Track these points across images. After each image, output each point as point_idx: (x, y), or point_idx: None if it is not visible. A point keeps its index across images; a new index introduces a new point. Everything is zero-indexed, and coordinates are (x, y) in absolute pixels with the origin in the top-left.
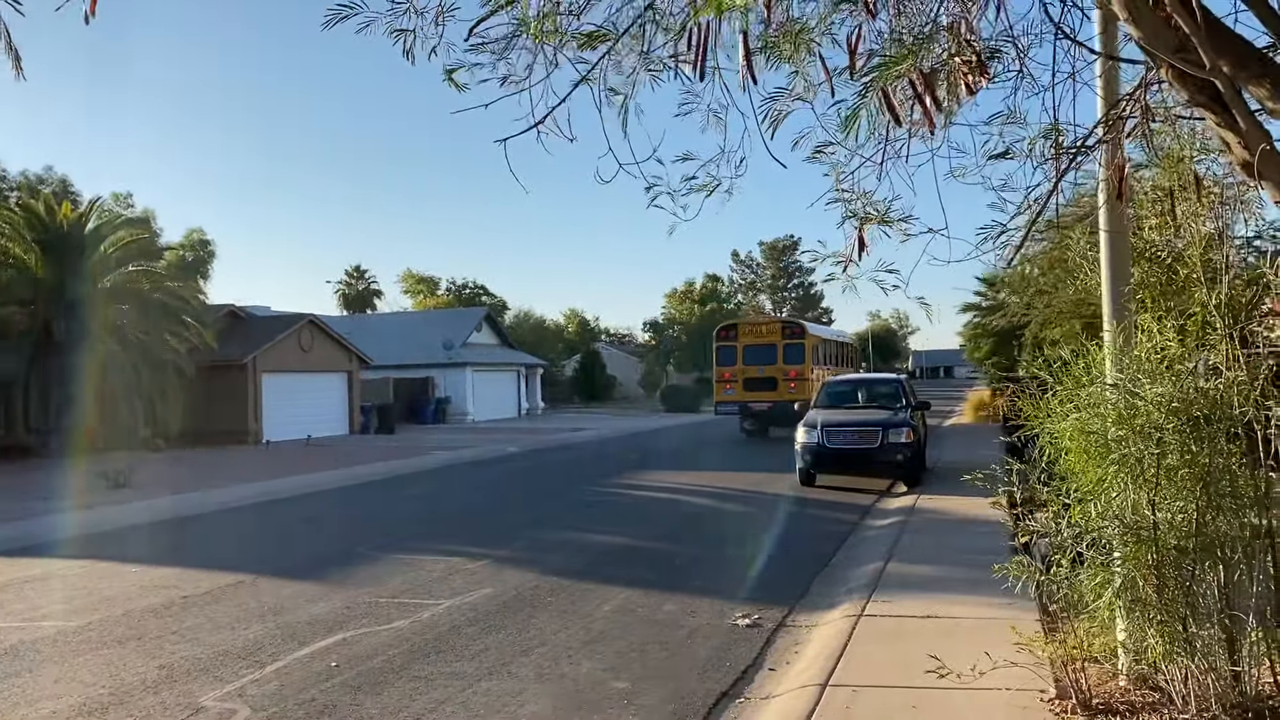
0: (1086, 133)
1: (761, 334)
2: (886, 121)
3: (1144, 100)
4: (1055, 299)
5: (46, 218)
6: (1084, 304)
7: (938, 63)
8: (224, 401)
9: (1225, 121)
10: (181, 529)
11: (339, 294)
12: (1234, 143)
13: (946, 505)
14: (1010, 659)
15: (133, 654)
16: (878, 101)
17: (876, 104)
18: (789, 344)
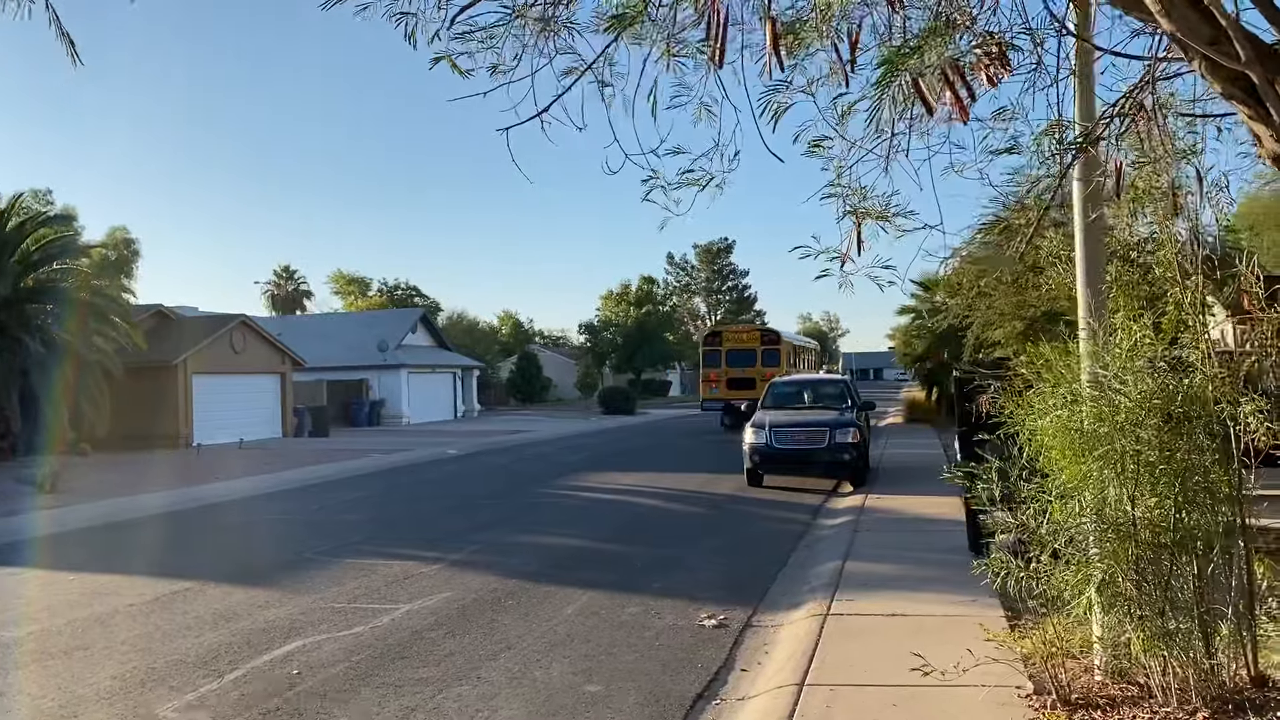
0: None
1: (743, 340)
2: (895, 114)
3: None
4: (996, 301)
5: None
6: (1025, 306)
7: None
8: (153, 404)
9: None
10: (117, 535)
11: (267, 295)
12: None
13: (894, 504)
14: (987, 656)
15: (81, 664)
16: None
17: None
18: (766, 349)
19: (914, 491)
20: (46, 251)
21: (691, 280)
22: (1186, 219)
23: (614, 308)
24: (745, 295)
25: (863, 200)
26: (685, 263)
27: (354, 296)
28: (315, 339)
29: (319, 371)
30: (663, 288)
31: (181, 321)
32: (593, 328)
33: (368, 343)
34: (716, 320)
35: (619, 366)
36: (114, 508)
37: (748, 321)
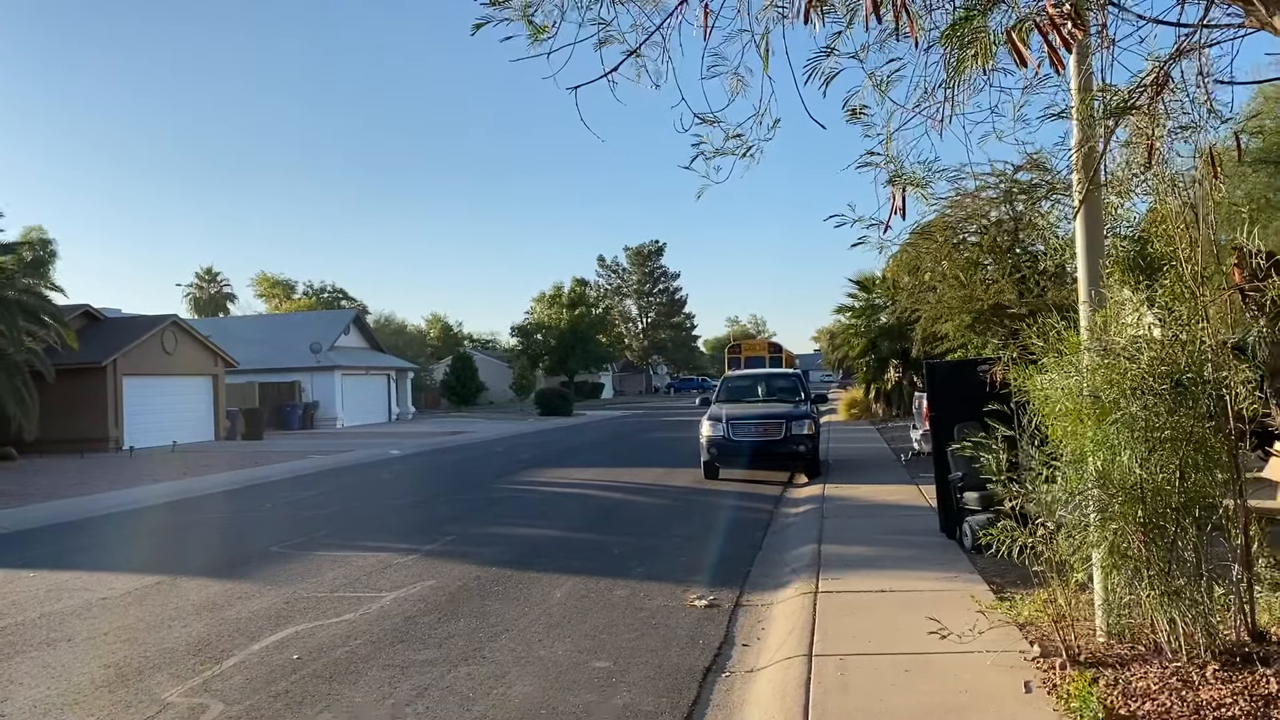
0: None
1: (756, 350)
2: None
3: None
4: (945, 295)
5: None
6: (971, 300)
7: (1030, 13)
8: (81, 406)
9: None
10: (67, 535)
11: (189, 297)
12: None
13: (853, 493)
14: (982, 625)
15: (68, 655)
16: (966, 49)
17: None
18: (773, 356)
19: (868, 481)
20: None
21: (623, 282)
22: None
23: (546, 310)
24: (676, 297)
25: (897, 169)
26: (616, 265)
27: (279, 299)
28: (246, 341)
29: (251, 374)
30: (595, 290)
31: (109, 322)
32: (525, 330)
33: (299, 344)
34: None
35: (552, 369)
36: (57, 509)
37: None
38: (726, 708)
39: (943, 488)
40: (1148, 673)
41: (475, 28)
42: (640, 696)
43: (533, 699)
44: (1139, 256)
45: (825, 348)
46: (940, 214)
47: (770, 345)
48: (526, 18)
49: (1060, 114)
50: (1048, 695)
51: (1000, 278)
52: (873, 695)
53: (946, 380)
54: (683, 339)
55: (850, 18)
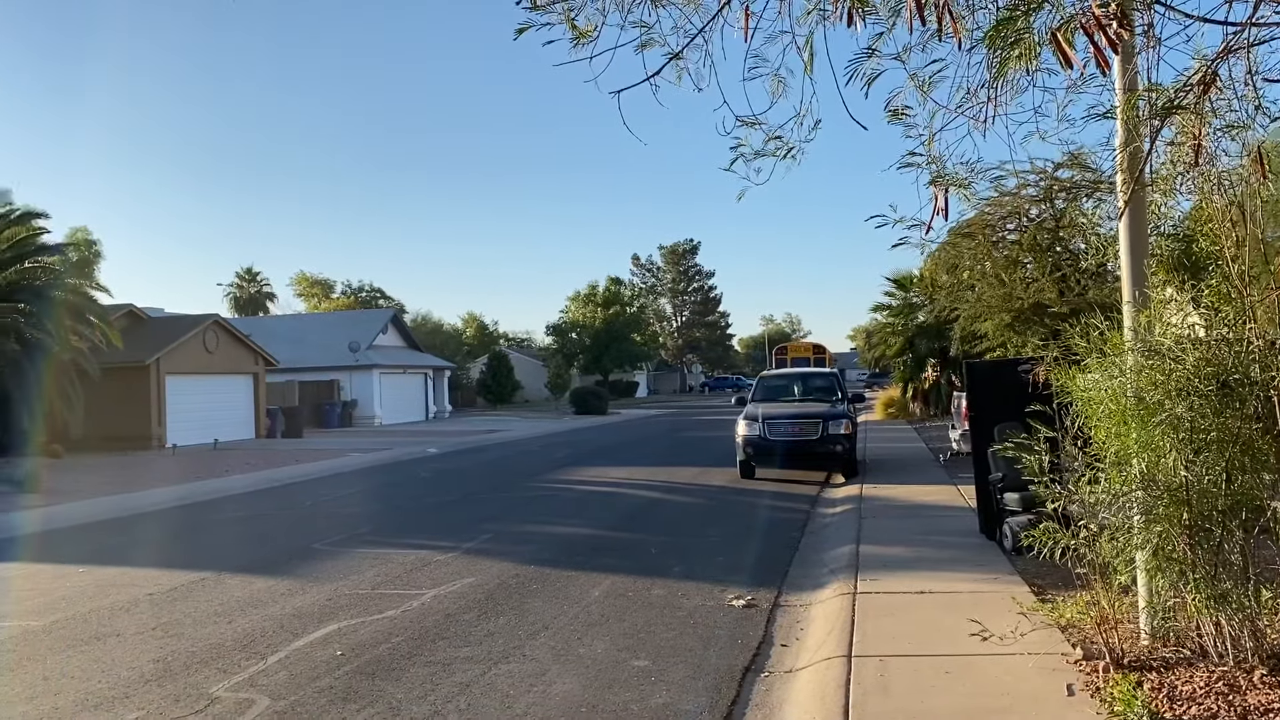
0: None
1: (801, 351)
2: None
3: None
4: (984, 294)
5: None
6: (1012, 298)
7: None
8: (125, 405)
9: None
10: (113, 532)
11: (230, 297)
12: None
13: (891, 493)
14: (1024, 627)
15: (117, 650)
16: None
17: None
18: (816, 358)
19: (906, 481)
20: (19, 250)
21: (658, 281)
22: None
23: (581, 309)
24: (711, 296)
25: (939, 169)
26: (651, 264)
27: (318, 299)
28: (286, 340)
29: (291, 372)
30: (629, 289)
31: (153, 321)
32: (560, 329)
33: (339, 344)
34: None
35: (587, 368)
36: (103, 506)
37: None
38: (766, 707)
39: (982, 488)
40: (1193, 677)
41: (518, 32)
42: (680, 696)
43: (573, 697)
44: (1183, 256)
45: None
46: (980, 213)
47: (814, 347)
48: (569, 21)
49: (1105, 114)
50: (1091, 698)
51: (1040, 276)
52: (913, 697)
53: (986, 380)
54: (717, 338)
55: (893, 19)
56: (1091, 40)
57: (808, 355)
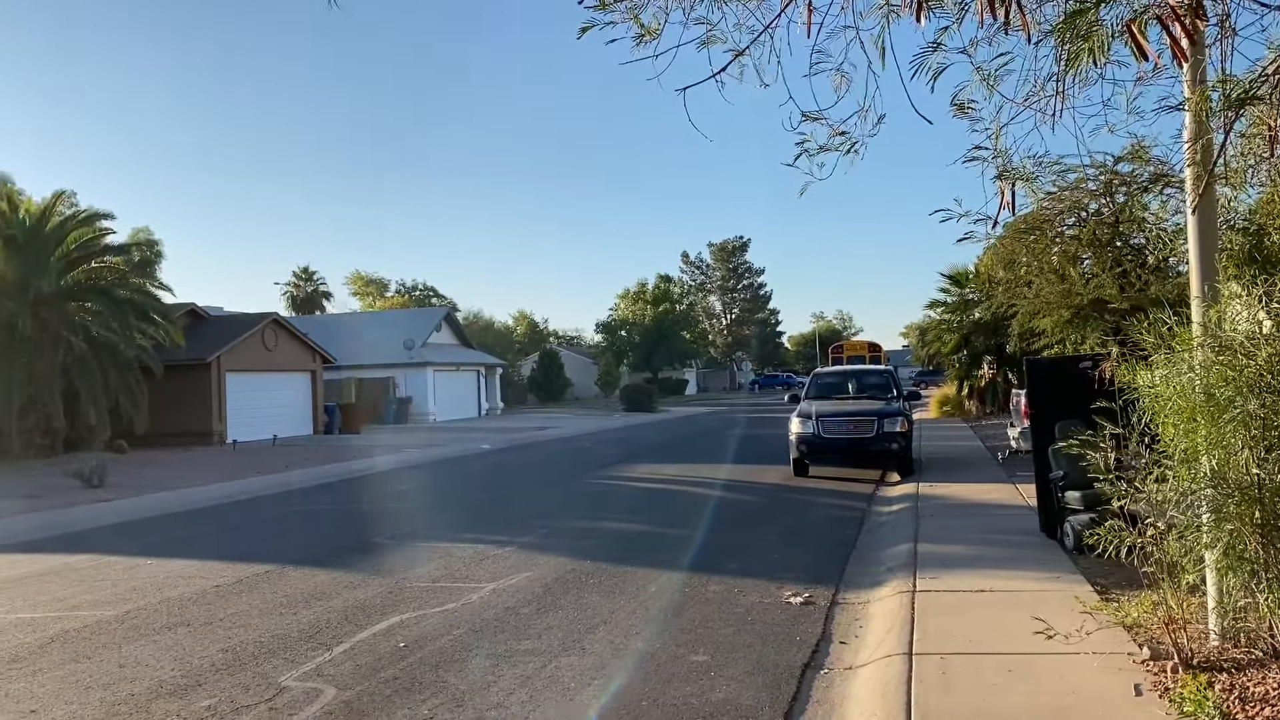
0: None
1: (856, 349)
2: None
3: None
4: (1043, 290)
5: (9, 212)
6: (1071, 294)
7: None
8: (187, 402)
9: None
10: (179, 525)
11: (286, 296)
12: None
13: (948, 492)
14: (1089, 626)
15: (188, 639)
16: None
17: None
18: (873, 356)
19: (963, 480)
20: (85, 250)
21: (707, 279)
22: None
23: (630, 306)
24: (760, 293)
25: (1004, 163)
26: (700, 261)
27: (372, 297)
28: (342, 338)
29: (347, 370)
30: (679, 286)
31: (213, 320)
32: (609, 326)
33: (393, 341)
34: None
35: (636, 365)
36: (167, 500)
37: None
38: (827, 704)
39: (1043, 487)
40: (1266, 678)
41: (581, 31)
42: (740, 691)
43: (633, 691)
44: (1254, 250)
45: (914, 344)
46: (1038, 208)
47: (869, 344)
48: (636, 19)
49: (1177, 106)
50: (1160, 699)
51: (1100, 272)
52: (976, 694)
53: (1047, 377)
54: (767, 335)
55: (961, 13)
56: (1168, 31)
57: (863, 353)
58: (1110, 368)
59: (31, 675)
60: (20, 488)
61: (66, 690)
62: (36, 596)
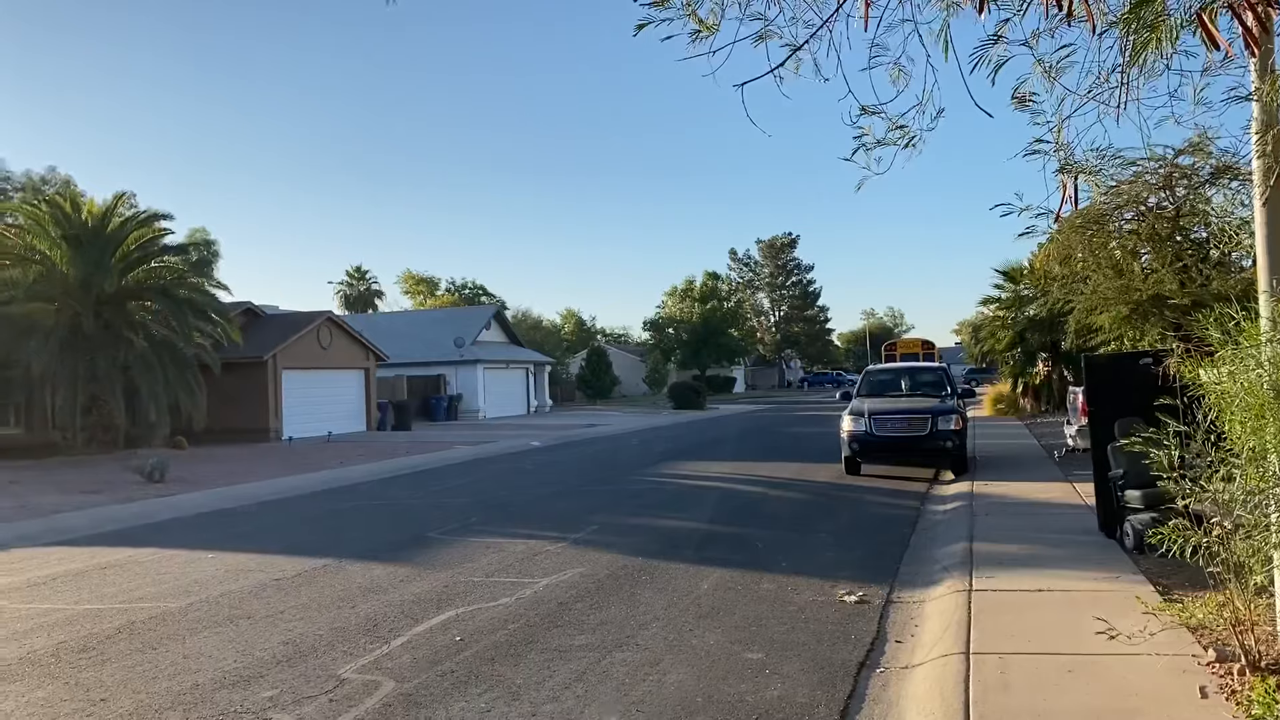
0: None
1: (910, 347)
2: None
3: None
4: (1100, 285)
5: (72, 213)
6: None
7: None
8: (244, 399)
9: None
10: (236, 519)
11: (339, 294)
12: None
13: (1003, 490)
14: (1162, 626)
15: (249, 631)
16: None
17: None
18: (926, 353)
19: (1019, 479)
20: (145, 250)
21: (755, 276)
22: None
23: (678, 304)
24: (810, 290)
25: (1066, 156)
26: (748, 258)
27: (423, 296)
28: (394, 336)
29: (399, 367)
30: (726, 283)
31: (269, 318)
32: (657, 324)
33: (444, 339)
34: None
35: (684, 363)
36: (227, 495)
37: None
38: (883, 703)
39: (1102, 486)
40: None
41: (638, 28)
42: (794, 689)
43: (687, 687)
44: None
45: (967, 341)
46: (1096, 201)
47: (923, 342)
48: (693, 15)
49: (1246, 97)
50: (1226, 700)
51: (1160, 267)
52: (1036, 695)
53: (1105, 374)
54: (816, 332)
55: (1024, 5)
56: (1239, 19)
57: (917, 351)
58: (1173, 364)
59: (100, 665)
60: (84, 483)
61: (134, 680)
62: (103, 588)
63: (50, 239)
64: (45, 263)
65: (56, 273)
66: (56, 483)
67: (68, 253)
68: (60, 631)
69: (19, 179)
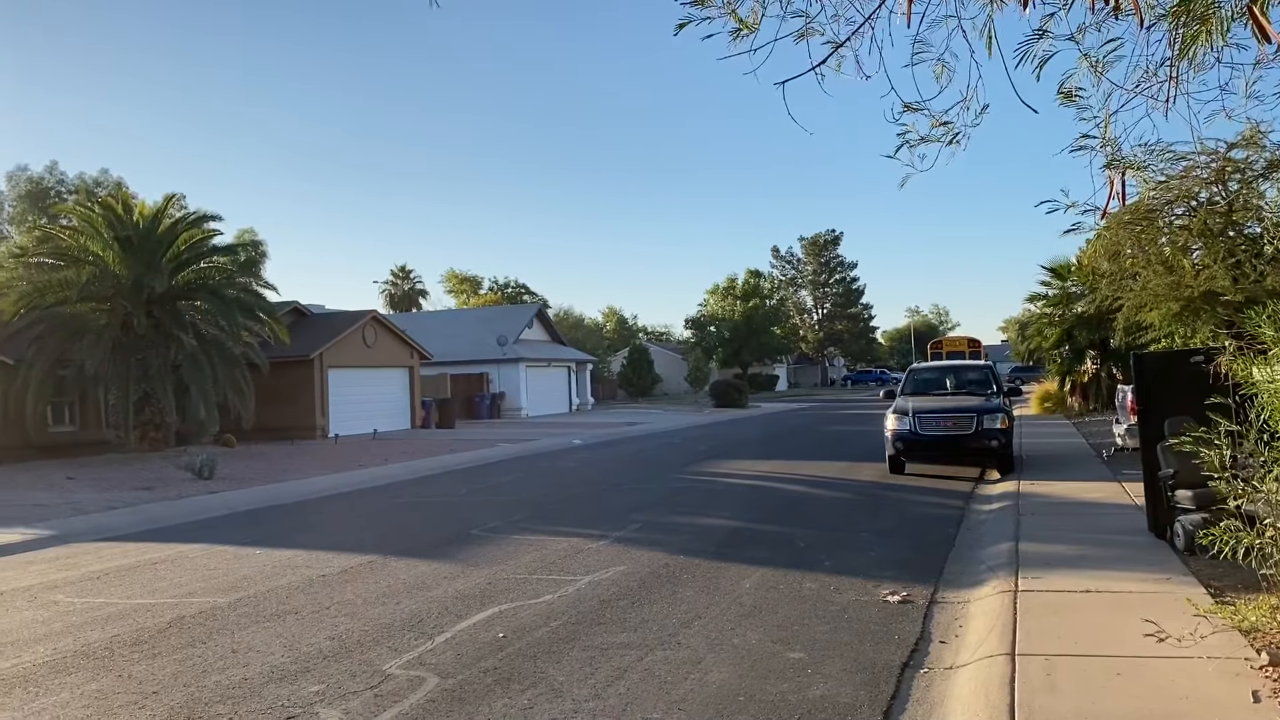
0: None
1: (956, 345)
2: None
3: None
4: (1150, 282)
5: (124, 215)
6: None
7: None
8: (291, 397)
9: None
10: (285, 516)
11: (385, 294)
12: None
13: (1051, 490)
14: (1213, 629)
15: (296, 627)
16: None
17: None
18: (973, 351)
19: (1066, 478)
20: (195, 251)
21: (798, 273)
22: None
23: (720, 302)
24: (853, 288)
25: (1113, 151)
26: (791, 256)
27: (466, 295)
28: (437, 334)
29: (442, 366)
30: (769, 281)
31: (315, 318)
32: (699, 322)
33: (487, 338)
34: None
35: (726, 361)
36: (274, 492)
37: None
38: (927, 704)
39: (1151, 485)
40: None
41: (678, 27)
42: (837, 689)
43: (729, 686)
44: None
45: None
46: (1145, 197)
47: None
48: (733, 13)
49: None
50: (1279, 706)
51: (1212, 263)
52: (1083, 697)
53: (1155, 372)
54: (860, 330)
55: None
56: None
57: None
58: (1225, 362)
59: (152, 658)
60: (136, 479)
61: (184, 673)
62: (154, 583)
63: (103, 240)
64: (98, 264)
65: (109, 273)
66: (109, 479)
67: (120, 254)
68: (114, 625)
69: (72, 182)
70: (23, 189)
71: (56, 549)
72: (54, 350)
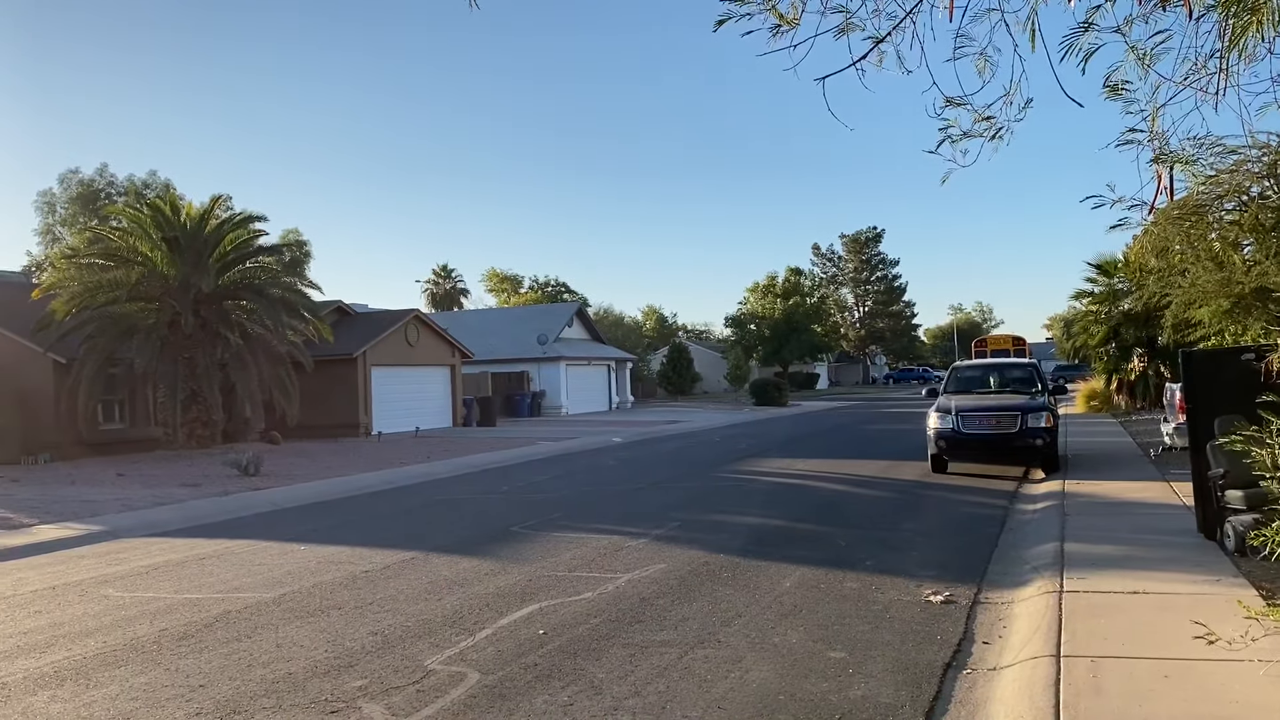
0: None
1: (1000, 344)
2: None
3: None
4: (1199, 279)
5: (172, 216)
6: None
7: None
8: (335, 395)
9: None
10: (329, 512)
11: (426, 293)
12: None
13: (1096, 489)
14: (1264, 632)
15: (339, 622)
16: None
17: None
18: (1017, 349)
19: (1113, 477)
20: (240, 251)
21: (839, 271)
22: None
23: (760, 300)
24: (895, 285)
25: (1161, 146)
26: (832, 253)
27: (507, 294)
28: (478, 333)
29: (483, 364)
30: (809, 279)
31: (358, 316)
32: (739, 320)
33: (527, 336)
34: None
35: (766, 359)
36: (319, 489)
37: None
38: (970, 705)
39: (1200, 485)
40: None
41: (717, 24)
42: (878, 688)
43: (770, 685)
44: None
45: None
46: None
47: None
48: (773, 8)
49: None
50: None
51: (1264, 258)
52: (1130, 700)
53: (1205, 370)
54: (902, 328)
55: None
56: None
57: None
58: (1277, 359)
59: (199, 652)
60: (183, 476)
61: (230, 667)
62: (201, 578)
63: (151, 241)
64: (147, 264)
65: (157, 273)
66: (158, 476)
67: (168, 254)
68: (162, 619)
69: (122, 184)
70: (74, 191)
71: (107, 544)
72: (104, 349)
